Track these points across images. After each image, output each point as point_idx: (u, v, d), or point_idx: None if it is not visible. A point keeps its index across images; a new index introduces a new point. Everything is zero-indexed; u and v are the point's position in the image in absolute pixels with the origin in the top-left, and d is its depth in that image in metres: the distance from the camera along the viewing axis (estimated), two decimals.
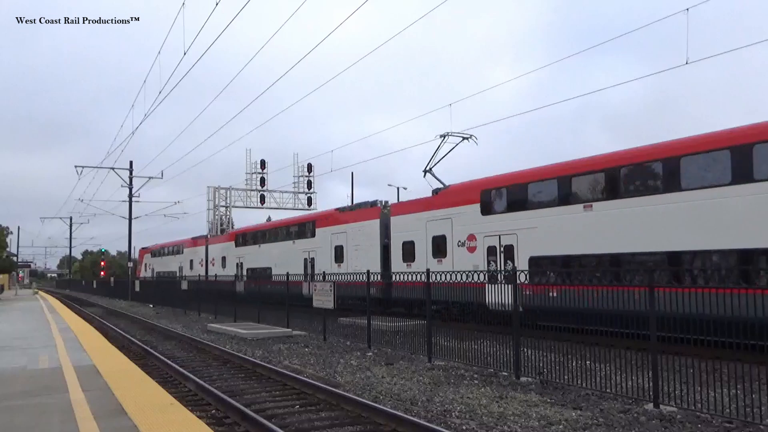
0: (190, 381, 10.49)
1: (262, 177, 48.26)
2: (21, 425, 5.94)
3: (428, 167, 22.47)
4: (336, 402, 8.73)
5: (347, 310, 17.70)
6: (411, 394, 9.27)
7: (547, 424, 7.40)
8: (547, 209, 16.76)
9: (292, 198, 49.22)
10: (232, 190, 49.15)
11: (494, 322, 11.33)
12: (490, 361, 11.19)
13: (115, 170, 42.55)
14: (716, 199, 12.85)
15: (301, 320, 19.64)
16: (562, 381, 9.66)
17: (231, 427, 7.73)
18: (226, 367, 12.81)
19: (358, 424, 7.66)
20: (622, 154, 15.25)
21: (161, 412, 6.41)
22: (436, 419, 7.73)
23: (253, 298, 24.00)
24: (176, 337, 18.91)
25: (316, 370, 11.82)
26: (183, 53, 18.00)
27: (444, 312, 14.64)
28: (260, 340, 17.13)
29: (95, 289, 65.40)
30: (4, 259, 64.57)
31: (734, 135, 12.79)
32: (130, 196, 44.27)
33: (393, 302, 20.92)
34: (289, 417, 8.09)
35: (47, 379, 8.61)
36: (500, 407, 8.30)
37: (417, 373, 11.18)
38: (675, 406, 7.94)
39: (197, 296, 29.56)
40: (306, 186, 49.43)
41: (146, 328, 22.95)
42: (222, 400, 8.70)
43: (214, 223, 49.21)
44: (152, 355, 14.08)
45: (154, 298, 38.22)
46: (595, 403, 8.53)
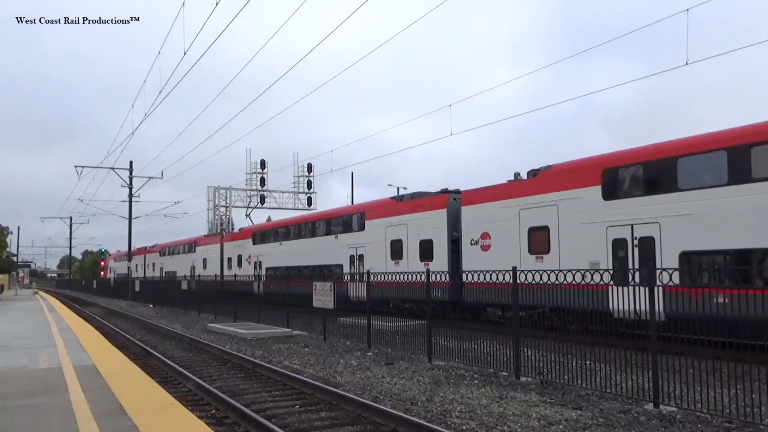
0: (190, 381, 10.49)
1: (262, 177, 48.34)
2: (21, 425, 5.94)
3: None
4: (336, 402, 8.73)
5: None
6: (411, 394, 9.27)
7: (547, 424, 7.40)
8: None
9: (292, 198, 49.28)
10: (232, 190, 49.21)
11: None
12: (490, 361, 11.18)
13: (115, 170, 42.61)
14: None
15: (301, 320, 19.64)
16: (562, 381, 9.65)
17: (231, 427, 7.73)
18: (226, 367, 12.80)
19: (358, 424, 7.66)
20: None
21: (161, 412, 6.41)
22: (436, 419, 7.73)
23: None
24: (176, 337, 18.91)
25: (316, 370, 11.82)
26: (183, 53, 18.02)
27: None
28: (260, 340, 17.13)
29: (95, 289, 65.43)
30: (4, 259, 64.57)
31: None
32: (130, 196, 44.30)
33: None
34: (289, 417, 8.09)
35: (47, 379, 8.60)
36: (500, 407, 8.30)
37: (417, 373, 11.18)
38: (675, 406, 7.93)
39: (197, 296, 29.56)
40: (306, 186, 49.50)
41: (146, 328, 22.95)
42: (222, 400, 8.70)
43: (214, 223, 49.25)
44: (152, 355, 14.08)
45: (154, 298, 38.23)
46: (595, 403, 8.53)
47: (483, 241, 18.86)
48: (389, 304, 15.98)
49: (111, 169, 42.11)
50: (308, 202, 49.28)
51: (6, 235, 63.31)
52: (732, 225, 12.67)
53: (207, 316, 26.50)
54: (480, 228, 18.98)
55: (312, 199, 49.54)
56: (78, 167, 40.46)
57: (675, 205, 13.72)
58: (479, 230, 18.99)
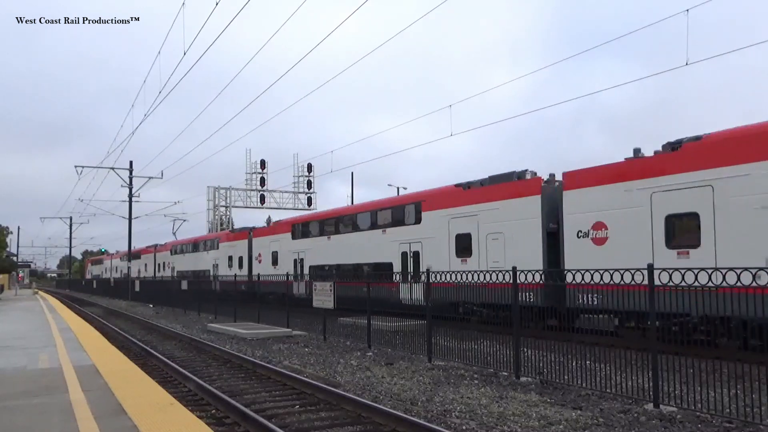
0: (190, 381, 10.49)
1: (262, 177, 48.41)
2: (21, 425, 5.94)
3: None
4: (336, 402, 8.73)
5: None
6: (411, 394, 9.27)
7: (547, 424, 7.40)
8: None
9: (292, 198, 49.34)
10: (232, 190, 49.26)
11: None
12: (490, 361, 11.18)
13: (115, 170, 42.60)
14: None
15: (301, 320, 19.64)
16: (562, 381, 9.65)
17: (231, 427, 7.73)
18: (226, 367, 12.81)
19: (358, 424, 7.66)
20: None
21: (161, 412, 6.41)
22: (436, 419, 7.73)
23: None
24: (176, 337, 18.91)
25: (316, 370, 11.82)
26: (183, 53, 18.02)
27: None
28: (260, 340, 17.13)
29: (95, 289, 65.43)
30: (4, 259, 64.62)
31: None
32: (130, 196, 44.30)
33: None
34: (289, 417, 8.09)
35: (47, 379, 8.60)
36: (500, 407, 8.30)
37: (417, 373, 11.18)
38: (675, 406, 7.93)
39: (197, 296, 29.55)
40: (306, 186, 49.58)
41: (146, 328, 22.95)
42: (222, 400, 8.70)
43: (214, 222, 49.28)
44: (152, 355, 14.08)
45: (154, 298, 38.23)
46: (595, 403, 8.53)
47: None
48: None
49: (111, 169, 42.12)
50: (308, 202, 49.35)
51: (6, 235, 63.37)
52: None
53: (207, 316, 26.50)
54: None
55: (312, 199, 49.62)
56: (78, 167, 40.50)
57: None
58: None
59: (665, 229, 13.80)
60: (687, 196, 13.42)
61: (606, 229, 15.15)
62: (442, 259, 20.18)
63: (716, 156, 12.95)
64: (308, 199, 49.50)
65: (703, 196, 13.13)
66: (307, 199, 49.48)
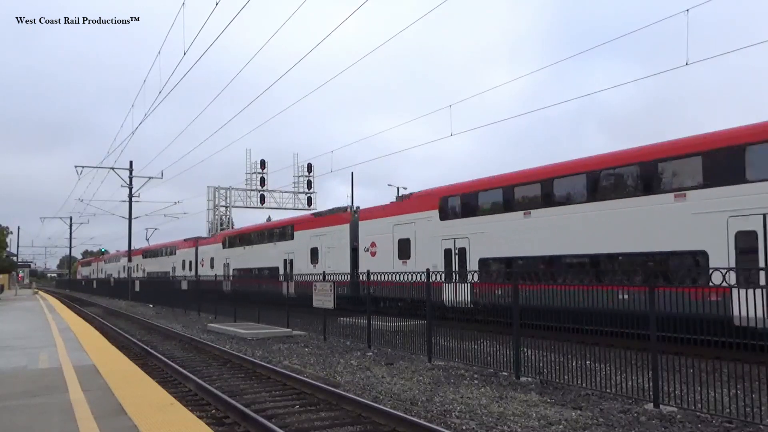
0: (190, 381, 10.49)
1: (262, 177, 48.38)
2: (21, 425, 5.94)
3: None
4: (336, 402, 8.73)
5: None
6: (411, 394, 9.27)
7: (547, 424, 7.40)
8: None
9: (292, 198, 49.30)
10: (232, 190, 49.25)
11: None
12: (490, 361, 11.19)
13: (115, 170, 42.60)
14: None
15: (302, 320, 19.64)
16: (562, 381, 9.66)
17: (231, 427, 7.73)
18: (226, 367, 12.81)
19: (358, 424, 7.66)
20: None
21: (161, 412, 6.41)
22: (436, 419, 7.73)
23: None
24: (176, 337, 18.91)
25: (316, 370, 11.82)
26: (183, 53, 18.01)
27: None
28: (260, 340, 17.13)
29: (95, 289, 65.42)
30: (4, 259, 64.62)
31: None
32: (130, 196, 44.30)
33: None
34: (289, 417, 8.09)
35: (47, 379, 8.60)
36: (500, 407, 8.30)
37: (417, 373, 11.19)
38: (675, 406, 7.94)
39: (197, 296, 29.55)
40: (306, 186, 49.52)
41: (146, 328, 22.95)
42: (222, 400, 8.70)
43: (214, 222, 49.29)
44: (152, 355, 14.08)
45: (154, 298, 38.23)
46: (595, 403, 8.54)
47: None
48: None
49: (111, 169, 42.11)
50: (308, 202, 49.30)
51: (6, 235, 63.36)
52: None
53: (207, 316, 26.50)
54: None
55: (312, 199, 49.59)
56: (78, 167, 40.49)
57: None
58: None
59: (398, 247, 22.36)
60: (406, 228, 21.94)
61: (375, 246, 23.63)
62: (304, 264, 28.60)
63: (416, 206, 21.68)
64: (308, 199, 49.45)
65: (412, 228, 21.68)
66: (307, 199, 49.44)
